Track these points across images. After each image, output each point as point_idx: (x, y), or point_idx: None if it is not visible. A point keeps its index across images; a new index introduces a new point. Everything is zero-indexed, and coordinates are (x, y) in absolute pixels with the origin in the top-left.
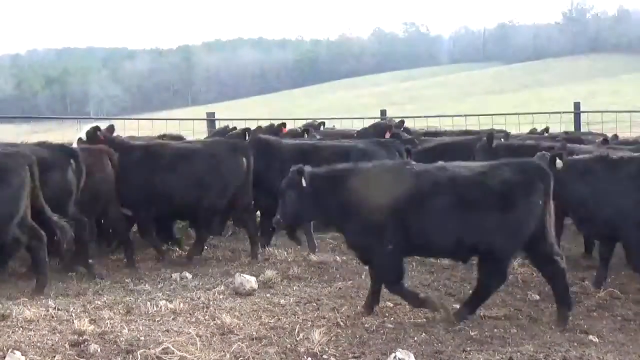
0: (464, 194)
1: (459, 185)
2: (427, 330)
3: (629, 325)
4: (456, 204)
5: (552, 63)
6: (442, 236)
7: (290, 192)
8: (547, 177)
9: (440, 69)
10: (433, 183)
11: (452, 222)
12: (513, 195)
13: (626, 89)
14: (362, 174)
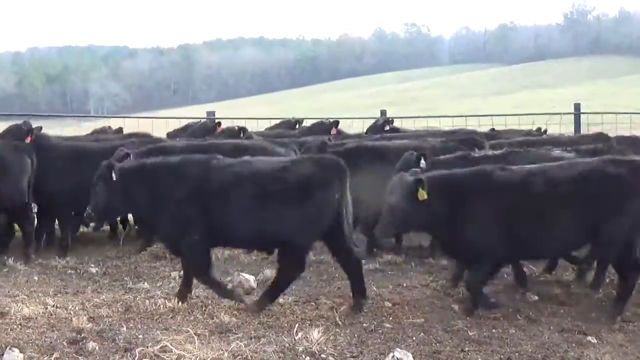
0: (263, 187)
1: (259, 178)
2: (426, 330)
3: (627, 326)
4: (256, 196)
5: (553, 64)
6: (243, 228)
7: (100, 186)
8: (343, 172)
9: (440, 70)
10: (235, 176)
11: (252, 214)
12: (309, 189)
13: (627, 90)
14: (167, 168)
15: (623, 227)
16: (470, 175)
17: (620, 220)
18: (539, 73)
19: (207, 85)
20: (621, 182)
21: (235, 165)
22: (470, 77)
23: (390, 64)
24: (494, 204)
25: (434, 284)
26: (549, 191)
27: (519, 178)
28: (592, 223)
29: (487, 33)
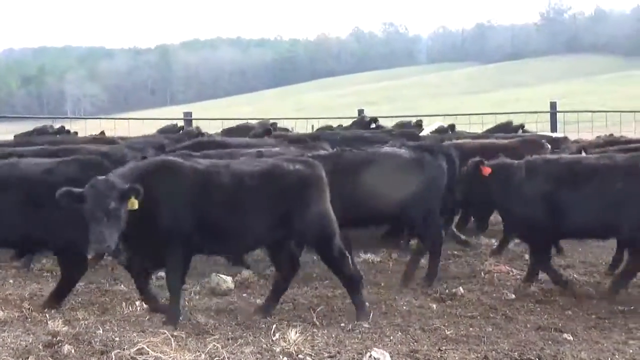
0: (29, 191)
1: (26, 181)
2: (404, 330)
3: (603, 323)
4: (22, 201)
5: (530, 63)
6: (6, 230)
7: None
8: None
9: (418, 69)
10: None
11: (17, 217)
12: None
13: (603, 88)
14: None
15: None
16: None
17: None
18: (516, 72)
19: (184, 86)
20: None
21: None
22: (447, 76)
23: (368, 63)
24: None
25: (411, 283)
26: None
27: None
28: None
29: (464, 32)
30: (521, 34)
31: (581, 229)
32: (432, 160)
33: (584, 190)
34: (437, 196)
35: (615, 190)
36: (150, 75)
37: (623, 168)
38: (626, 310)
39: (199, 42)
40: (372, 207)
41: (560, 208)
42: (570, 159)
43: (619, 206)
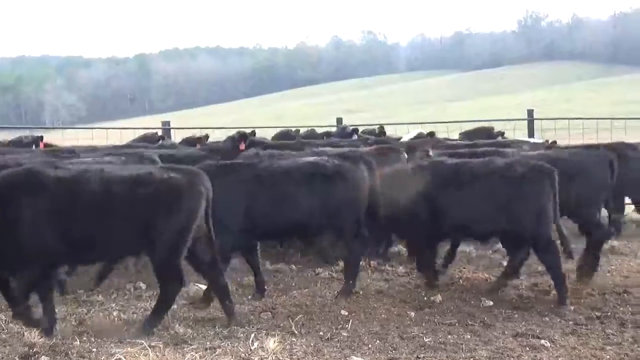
0: None
1: None
2: (382, 338)
3: (580, 329)
4: None
5: (508, 70)
6: None
7: None
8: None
9: (397, 77)
10: None
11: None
12: None
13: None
14: None
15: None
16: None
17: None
18: (495, 79)
19: (164, 95)
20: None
21: None
22: (426, 83)
23: (348, 71)
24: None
25: (390, 291)
26: None
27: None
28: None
29: (443, 40)
30: (499, 42)
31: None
32: (353, 169)
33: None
34: (359, 205)
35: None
36: (129, 84)
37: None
38: (603, 316)
39: (178, 51)
40: (292, 218)
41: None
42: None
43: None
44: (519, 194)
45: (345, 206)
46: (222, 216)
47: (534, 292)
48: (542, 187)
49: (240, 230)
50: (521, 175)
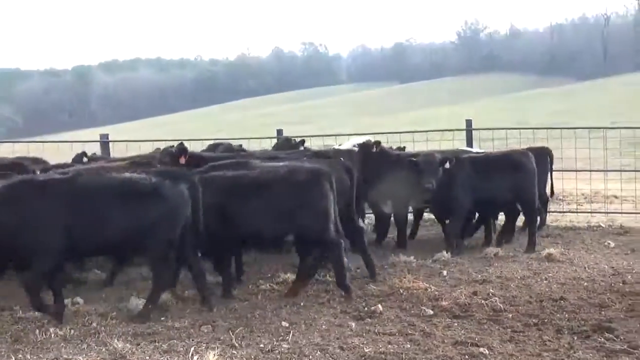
0: None
1: None
2: (323, 349)
3: (518, 336)
4: None
5: (448, 81)
6: None
7: None
8: None
9: (339, 88)
10: None
11: None
12: None
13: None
14: None
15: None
16: None
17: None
18: (435, 90)
19: (103, 107)
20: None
21: None
22: (368, 95)
23: (289, 83)
24: None
25: (331, 302)
26: None
27: None
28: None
29: (383, 51)
30: (439, 53)
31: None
32: (172, 187)
33: None
34: (176, 224)
35: None
36: (68, 96)
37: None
38: (540, 323)
39: (118, 63)
40: (106, 236)
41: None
42: None
43: None
44: (301, 199)
45: (155, 226)
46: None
47: (473, 300)
48: (321, 191)
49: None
50: (302, 180)
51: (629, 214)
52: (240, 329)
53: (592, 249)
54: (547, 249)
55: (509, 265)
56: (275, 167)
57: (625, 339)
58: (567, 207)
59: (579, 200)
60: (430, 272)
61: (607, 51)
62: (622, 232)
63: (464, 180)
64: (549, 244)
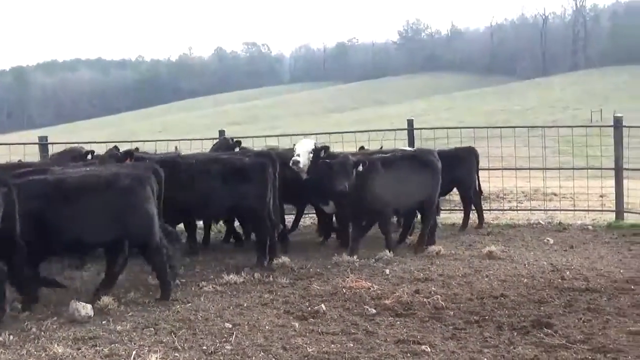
0: None
1: None
2: (266, 350)
3: (459, 333)
4: None
5: (390, 81)
6: None
7: None
8: None
9: (282, 88)
10: None
11: None
12: None
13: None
14: None
15: None
16: None
17: None
18: (377, 90)
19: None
20: None
21: None
22: (310, 95)
23: (232, 83)
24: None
25: (274, 303)
26: None
27: None
28: None
29: (326, 51)
30: (381, 53)
31: None
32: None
33: None
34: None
35: None
36: (6, 98)
37: None
38: (481, 320)
39: (57, 64)
40: None
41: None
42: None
43: None
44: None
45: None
46: None
47: (415, 298)
48: (141, 195)
49: None
50: (123, 186)
51: (567, 211)
52: (183, 332)
53: (532, 246)
54: (488, 247)
55: (451, 263)
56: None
57: (563, 334)
58: (507, 205)
59: (519, 198)
60: (373, 271)
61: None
62: (560, 229)
63: (378, 181)
64: (490, 242)
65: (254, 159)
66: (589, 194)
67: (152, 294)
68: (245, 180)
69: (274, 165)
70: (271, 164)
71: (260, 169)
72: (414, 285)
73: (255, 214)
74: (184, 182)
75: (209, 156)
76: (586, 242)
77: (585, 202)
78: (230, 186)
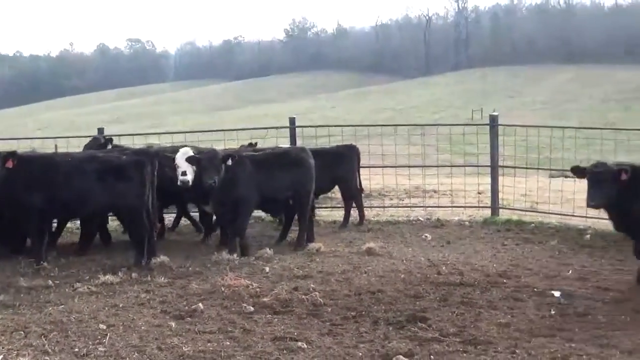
0: None
1: None
2: (140, 350)
3: (336, 329)
4: None
5: (276, 79)
6: None
7: None
8: None
9: (167, 86)
10: None
11: None
12: None
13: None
14: None
15: None
16: None
17: None
18: (264, 88)
19: None
20: None
21: None
22: (196, 92)
23: (115, 80)
24: None
25: (151, 302)
26: None
27: None
28: None
29: (212, 48)
30: (268, 51)
31: None
32: None
33: None
34: None
35: None
36: None
37: None
38: (357, 316)
39: None
40: None
41: None
42: None
43: None
44: None
45: None
46: None
47: (293, 295)
48: None
49: None
50: None
51: (445, 207)
52: (55, 334)
53: (411, 242)
54: (368, 243)
55: (330, 260)
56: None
57: (437, 327)
58: (388, 202)
59: (400, 195)
60: (252, 269)
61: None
62: (439, 225)
63: (246, 178)
64: (370, 239)
65: (131, 157)
66: (466, 191)
67: (24, 296)
68: (123, 178)
69: (153, 164)
70: (150, 162)
71: (138, 167)
72: (293, 283)
73: (133, 213)
74: (60, 180)
75: (86, 154)
76: (462, 238)
77: (463, 198)
78: (107, 184)
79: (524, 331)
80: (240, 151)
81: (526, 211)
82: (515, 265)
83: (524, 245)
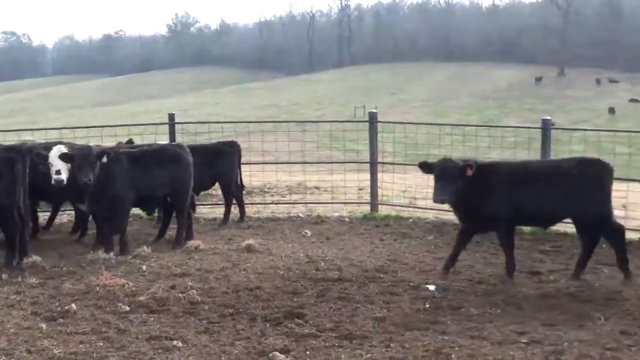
0: None
1: None
2: (9, 353)
3: (213, 327)
4: None
5: (159, 75)
6: None
7: None
8: None
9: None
10: None
11: None
12: None
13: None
14: None
15: None
16: None
17: None
18: (145, 84)
19: None
20: None
21: None
22: (75, 87)
23: None
24: None
25: (22, 304)
26: None
27: None
28: None
29: (92, 43)
30: (149, 46)
31: None
32: None
33: None
34: None
35: None
36: None
37: None
38: (235, 313)
39: None
40: None
41: None
42: None
43: None
44: None
45: None
46: None
47: (170, 294)
48: None
49: None
50: None
51: (326, 203)
52: None
53: (291, 238)
54: (247, 240)
55: (209, 257)
56: None
57: (314, 323)
58: (270, 198)
59: (282, 192)
60: (129, 268)
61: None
62: (319, 222)
63: (122, 175)
64: (250, 235)
65: (1, 154)
66: (347, 187)
67: None
68: None
69: (24, 161)
70: (21, 159)
71: (8, 164)
72: (171, 281)
73: (3, 211)
74: None
75: None
76: (342, 234)
77: (344, 195)
78: None
79: (399, 325)
80: (116, 148)
81: (405, 207)
82: (392, 260)
83: (402, 241)
